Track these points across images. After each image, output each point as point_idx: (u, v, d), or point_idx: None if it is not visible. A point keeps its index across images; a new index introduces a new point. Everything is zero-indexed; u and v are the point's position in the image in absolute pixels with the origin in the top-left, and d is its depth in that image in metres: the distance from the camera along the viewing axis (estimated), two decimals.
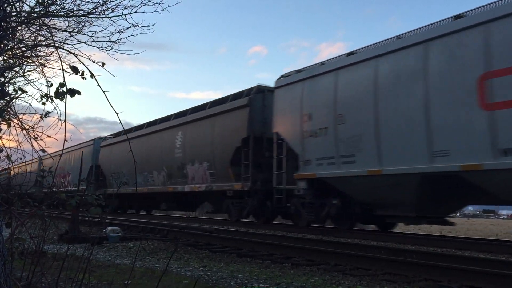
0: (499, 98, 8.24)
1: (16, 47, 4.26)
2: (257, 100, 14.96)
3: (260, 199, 14.44)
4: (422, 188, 9.72)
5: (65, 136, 2.92)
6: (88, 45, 4.28)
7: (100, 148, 25.90)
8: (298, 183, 12.66)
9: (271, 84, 14.57)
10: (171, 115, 20.43)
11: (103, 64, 3.21)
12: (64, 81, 2.84)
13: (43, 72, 4.53)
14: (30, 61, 4.66)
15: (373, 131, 10.45)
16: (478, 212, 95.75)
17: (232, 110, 15.52)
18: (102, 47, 4.34)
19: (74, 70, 2.93)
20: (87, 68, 2.89)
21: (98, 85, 2.84)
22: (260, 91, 15.13)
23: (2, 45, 3.45)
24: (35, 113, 4.19)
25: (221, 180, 15.89)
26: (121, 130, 22.50)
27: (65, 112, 2.94)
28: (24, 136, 4.07)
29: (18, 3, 3.64)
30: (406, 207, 10.33)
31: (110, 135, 26.29)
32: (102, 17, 4.14)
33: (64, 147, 3.02)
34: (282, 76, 13.96)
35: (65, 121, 2.94)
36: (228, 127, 15.53)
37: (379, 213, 11.41)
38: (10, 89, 4.37)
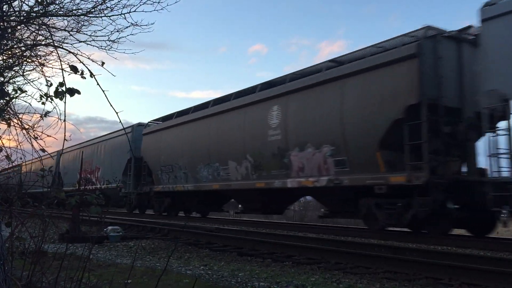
0: None
1: (15, 46, 4.27)
2: (429, 48, 10.11)
3: (438, 199, 9.64)
4: None
5: (64, 135, 2.92)
6: (88, 44, 4.29)
7: (143, 136, 21.44)
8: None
9: None
10: (256, 86, 15.18)
11: (103, 63, 3.21)
12: (64, 80, 2.84)
13: (42, 71, 4.53)
14: (29, 60, 4.67)
15: None
16: None
17: (384, 65, 10.58)
18: (101, 46, 4.35)
19: (74, 69, 2.93)
20: (86, 67, 2.90)
21: (98, 84, 2.84)
22: (431, 36, 10.35)
23: (1, 44, 3.45)
24: (34, 113, 4.18)
25: (359, 171, 11.04)
26: (172, 113, 19.81)
27: (64, 111, 2.95)
28: (24, 135, 4.06)
29: (17, 2, 3.64)
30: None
31: (154, 120, 22.35)
32: (101, 16, 4.14)
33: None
34: (490, 3, 9.49)
35: (64, 120, 2.94)
36: (375, 91, 10.63)
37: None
38: (9, 88, 4.38)
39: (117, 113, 2.84)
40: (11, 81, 4.84)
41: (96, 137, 27.41)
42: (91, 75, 2.86)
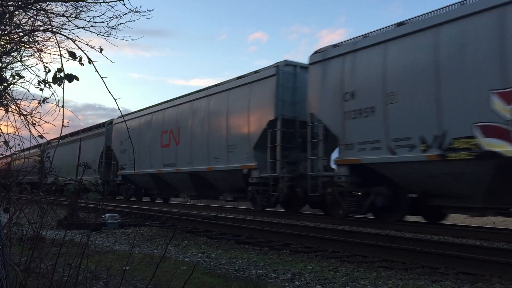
0: None
1: (13, 32, 4.24)
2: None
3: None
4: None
5: (62, 122, 2.91)
6: (86, 30, 4.26)
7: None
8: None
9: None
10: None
11: (101, 49, 3.19)
12: (62, 66, 2.82)
13: (40, 57, 4.51)
14: (27, 46, 4.64)
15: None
16: None
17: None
18: (100, 32, 4.32)
19: (72, 55, 2.90)
20: (85, 53, 2.87)
21: (96, 70, 2.82)
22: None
23: None
24: (33, 99, 4.17)
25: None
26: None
27: (62, 97, 2.94)
28: (22, 122, 4.06)
29: None
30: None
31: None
32: (100, 2, 4.10)
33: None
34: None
35: (62, 106, 2.92)
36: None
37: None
38: (7, 74, 4.35)
39: (115, 100, 2.83)
40: (9, 66, 4.82)
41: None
42: (90, 61, 2.84)
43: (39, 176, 3.23)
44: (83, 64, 2.90)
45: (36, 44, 4.71)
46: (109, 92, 2.81)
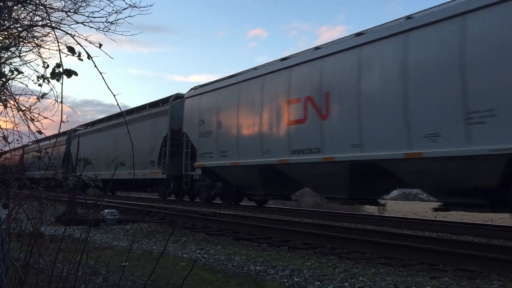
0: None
1: (12, 27, 4.22)
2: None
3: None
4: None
5: (61, 117, 2.90)
6: (85, 25, 4.25)
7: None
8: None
9: None
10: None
11: (100, 45, 3.17)
12: (61, 61, 2.81)
13: (39, 53, 4.50)
14: (26, 41, 4.62)
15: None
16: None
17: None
18: (99, 28, 4.31)
19: (71, 50, 2.89)
20: (84, 49, 2.86)
21: (95, 66, 2.81)
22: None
23: None
24: (31, 95, 4.16)
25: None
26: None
27: (61, 93, 2.92)
28: (21, 117, 4.05)
29: None
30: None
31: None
32: None
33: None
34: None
35: (61, 102, 2.91)
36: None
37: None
38: (6, 69, 4.34)
39: (114, 95, 2.82)
40: (7, 62, 4.80)
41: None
42: (89, 57, 2.82)
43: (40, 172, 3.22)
44: (82, 60, 2.88)
45: (35, 39, 4.69)
46: (108, 88, 2.80)
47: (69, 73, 2.80)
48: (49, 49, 4.62)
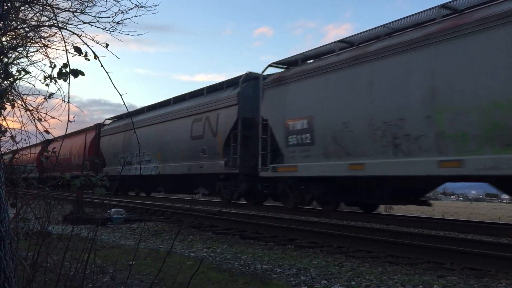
0: None
1: (19, 27, 4.25)
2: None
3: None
4: None
5: (68, 117, 2.92)
6: (92, 25, 4.27)
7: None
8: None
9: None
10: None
11: (107, 45, 3.19)
12: (68, 61, 2.83)
13: (46, 53, 4.53)
14: (33, 41, 4.65)
15: None
16: (481, 196, 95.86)
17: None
18: (105, 28, 4.33)
19: (78, 50, 2.91)
20: (90, 49, 2.88)
21: (102, 66, 2.83)
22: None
23: (5, 25, 3.43)
24: (39, 95, 4.18)
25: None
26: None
27: (68, 93, 2.94)
28: (28, 117, 4.07)
29: None
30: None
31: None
32: None
33: None
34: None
35: (68, 102, 2.93)
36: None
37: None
38: (13, 70, 4.36)
39: (121, 95, 2.83)
40: (15, 62, 4.82)
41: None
42: (95, 56, 2.84)
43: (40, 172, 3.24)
44: (89, 60, 2.90)
45: (42, 39, 4.72)
46: (115, 87, 2.82)
47: (76, 73, 2.82)
48: (56, 49, 4.65)
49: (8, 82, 3.80)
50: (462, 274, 5.07)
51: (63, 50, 2.87)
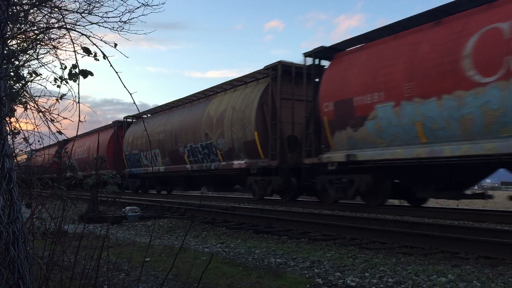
0: None
1: (29, 30, 4.30)
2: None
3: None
4: None
5: (79, 117, 2.95)
6: (100, 26, 4.30)
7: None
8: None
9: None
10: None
11: (115, 44, 3.22)
12: (77, 62, 2.86)
13: (56, 54, 4.58)
14: (43, 44, 4.70)
15: None
16: (496, 184, 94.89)
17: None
18: (113, 27, 4.36)
19: (87, 51, 2.94)
20: (99, 49, 2.91)
21: (111, 65, 2.85)
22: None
23: (15, 28, 3.48)
24: (50, 96, 4.24)
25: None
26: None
27: (78, 93, 2.97)
28: (41, 118, 4.13)
29: None
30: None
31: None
32: None
33: None
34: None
35: (78, 102, 2.96)
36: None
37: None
38: (25, 72, 4.42)
39: (131, 94, 2.86)
40: (26, 64, 4.89)
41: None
42: (104, 56, 2.87)
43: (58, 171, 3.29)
44: (98, 60, 2.94)
45: (52, 41, 4.77)
46: (124, 87, 2.84)
47: (85, 73, 2.85)
48: (65, 50, 4.70)
49: (20, 84, 3.86)
50: (476, 263, 5.05)
51: (73, 51, 2.90)
